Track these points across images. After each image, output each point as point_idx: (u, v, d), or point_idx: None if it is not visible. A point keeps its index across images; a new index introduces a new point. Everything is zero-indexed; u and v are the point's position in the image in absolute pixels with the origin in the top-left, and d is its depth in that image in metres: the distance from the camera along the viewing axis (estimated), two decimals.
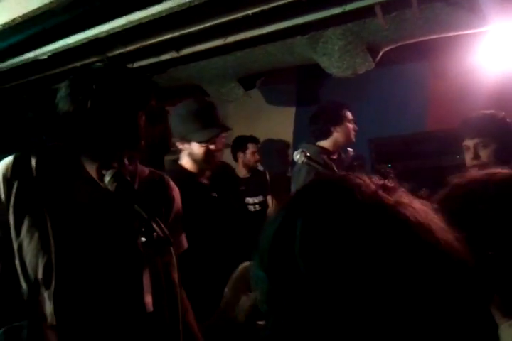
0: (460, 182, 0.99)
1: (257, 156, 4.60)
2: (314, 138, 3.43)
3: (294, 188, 3.33)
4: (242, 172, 4.63)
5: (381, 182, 0.74)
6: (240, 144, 4.65)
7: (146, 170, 1.64)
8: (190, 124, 2.40)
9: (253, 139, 4.65)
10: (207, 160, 2.41)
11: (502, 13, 2.68)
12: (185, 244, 1.75)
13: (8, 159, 1.45)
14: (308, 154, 2.89)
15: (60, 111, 1.39)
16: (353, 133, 3.41)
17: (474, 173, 1.02)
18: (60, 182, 1.45)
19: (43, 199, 1.42)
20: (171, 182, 1.70)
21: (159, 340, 1.55)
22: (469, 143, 2.69)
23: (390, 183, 0.74)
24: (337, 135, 3.36)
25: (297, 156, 2.84)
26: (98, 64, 1.50)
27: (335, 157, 3.35)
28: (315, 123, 3.44)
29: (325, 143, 3.36)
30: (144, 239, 1.31)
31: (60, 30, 2.53)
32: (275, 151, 5.18)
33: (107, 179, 1.37)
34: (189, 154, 2.44)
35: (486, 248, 0.84)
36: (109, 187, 1.36)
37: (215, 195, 2.51)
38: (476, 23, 2.88)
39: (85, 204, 1.46)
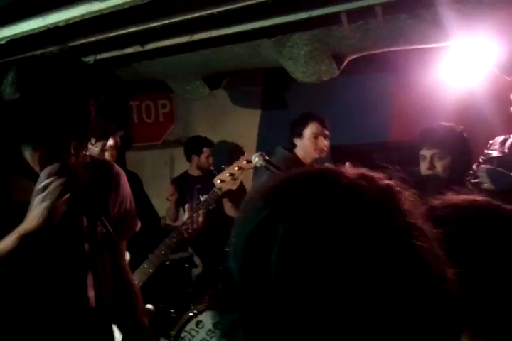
0: (437, 204, 0.94)
1: (210, 160, 4.65)
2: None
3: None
4: (195, 172, 4.68)
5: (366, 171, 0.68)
6: (195, 147, 4.67)
7: (89, 157, 1.60)
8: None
9: (208, 143, 4.68)
10: None
11: (463, 29, 2.71)
12: (138, 226, 1.73)
13: None
14: (267, 158, 2.88)
15: (5, 98, 1.34)
16: (313, 150, 3.52)
17: (453, 197, 0.97)
18: (3, 180, 1.41)
19: None
20: (116, 168, 1.67)
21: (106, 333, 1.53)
22: (426, 153, 2.73)
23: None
24: (299, 147, 3.50)
25: (255, 159, 2.82)
26: (47, 52, 1.46)
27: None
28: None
29: (299, 153, 3.49)
30: (87, 236, 1.29)
31: (14, 11, 2.46)
32: (237, 153, 5.15)
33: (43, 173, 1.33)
34: None
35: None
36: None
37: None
38: (439, 38, 2.91)
39: (24, 203, 1.41)
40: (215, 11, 2.66)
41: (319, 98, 4.50)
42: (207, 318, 3.32)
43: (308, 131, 3.51)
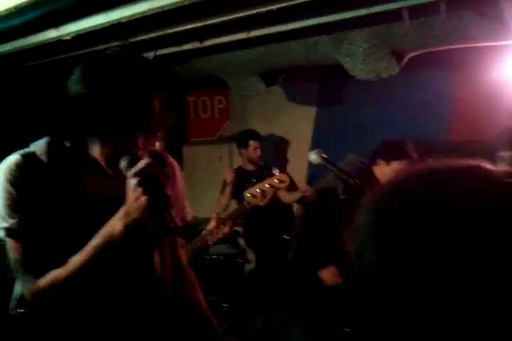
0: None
1: (258, 152, 4.65)
2: None
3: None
4: (248, 166, 4.73)
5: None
6: (242, 140, 4.72)
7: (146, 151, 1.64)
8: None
9: (255, 136, 4.69)
10: None
11: None
12: (189, 216, 1.77)
13: (15, 160, 1.40)
14: (324, 155, 2.83)
15: (71, 94, 1.37)
16: None
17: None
18: (71, 176, 1.44)
19: (56, 196, 1.41)
20: (170, 159, 1.70)
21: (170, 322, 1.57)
22: (505, 154, 2.63)
23: None
24: None
25: (312, 157, 2.78)
26: (110, 48, 1.49)
27: None
28: None
29: None
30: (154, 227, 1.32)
31: (81, 8, 2.54)
32: (291, 150, 5.15)
33: (122, 164, 1.36)
34: None
35: None
36: (124, 173, 1.35)
37: None
38: (504, 35, 2.81)
39: (95, 196, 1.45)
40: (274, 7, 2.66)
41: (376, 96, 4.43)
42: None
43: None
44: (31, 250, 1.39)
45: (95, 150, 1.41)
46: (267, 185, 2.91)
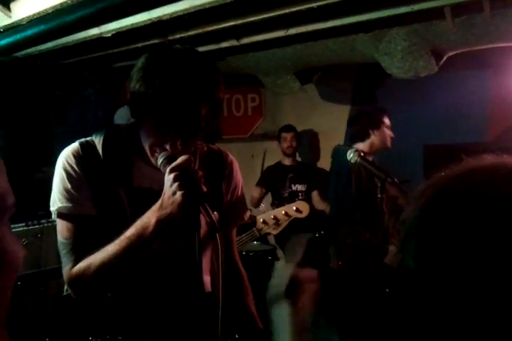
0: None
1: (293, 143, 4.66)
2: (351, 140, 3.42)
3: (339, 187, 3.31)
4: (286, 160, 4.75)
5: None
6: (277, 135, 4.77)
7: (205, 147, 1.64)
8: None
9: (285, 128, 4.70)
10: None
11: None
12: (247, 215, 1.76)
13: (73, 148, 1.47)
14: (362, 154, 2.82)
15: (131, 87, 1.38)
16: (389, 140, 3.37)
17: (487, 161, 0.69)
18: (124, 166, 1.48)
19: (107, 185, 1.45)
20: (230, 157, 1.70)
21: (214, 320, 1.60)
22: None
23: None
24: (374, 138, 3.33)
25: (351, 155, 2.77)
26: (177, 46, 1.48)
27: (371, 159, 3.32)
28: (354, 124, 3.43)
29: (361, 145, 3.31)
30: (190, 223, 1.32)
31: (126, 7, 2.57)
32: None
33: (159, 161, 1.37)
34: None
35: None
36: (162, 168, 1.36)
37: None
38: None
39: (145, 189, 1.48)
40: (314, 5, 2.65)
41: (412, 95, 4.38)
42: None
43: (385, 122, 3.41)
44: (76, 235, 1.43)
45: (143, 141, 1.44)
46: (282, 212, 2.78)
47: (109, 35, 3.04)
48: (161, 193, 1.35)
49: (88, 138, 1.51)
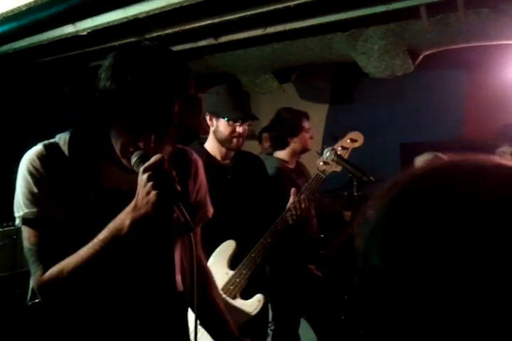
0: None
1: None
2: (272, 147, 3.41)
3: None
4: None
5: None
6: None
7: (169, 147, 1.63)
8: (223, 102, 2.56)
9: (266, 129, 4.69)
10: (230, 140, 2.53)
11: None
12: (210, 213, 1.76)
13: (37, 150, 1.41)
14: (338, 152, 2.83)
15: (100, 85, 1.36)
16: (309, 142, 3.36)
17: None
18: (91, 167, 1.44)
19: (75, 187, 1.41)
20: (194, 155, 1.69)
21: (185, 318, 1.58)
22: (506, 150, 2.64)
23: None
24: (294, 145, 3.32)
25: (327, 154, 2.78)
26: (145, 42, 1.46)
27: (292, 166, 3.35)
28: (272, 132, 3.40)
29: (281, 154, 3.33)
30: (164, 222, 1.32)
31: (101, 3, 2.54)
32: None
33: (133, 160, 1.35)
34: (214, 132, 2.57)
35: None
36: (135, 168, 1.35)
37: (229, 176, 2.60)
38: None
39: (114, 189, 1.45)
40: (291, 3, 2.66)
41: (389, 94, 4.42)
42: None
43: (304, 127, 3.36)
44: (45, 241, 1.39)
45: (117, 144, 1.39)
46: (339, 149, 2.73)
47: (85, 33, 3.00)
48: (130, 193, 1.33)
49: (52, 140, 1.45)
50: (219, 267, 2.41)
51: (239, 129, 2.53)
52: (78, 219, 1.39)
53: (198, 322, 1.38)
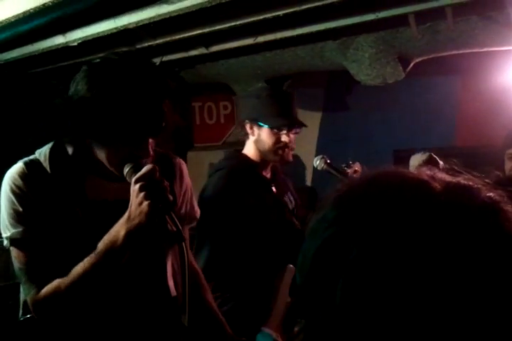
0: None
1: None
2: None
3: None
4: None
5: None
6: None
7: (157, 153, 1.63)
8: (265, 107, 2.22)
9: None
10: (274, 150, 2.22)
11: None
12: (197, 215, 1.76)
13: (18, 168, 1.39)
14: (328, 161, 2.84)
15: (77, 98, 1.36)
16: None
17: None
18: (74, 181, 1.43)
19: (61, 203, 1.39)
20: (177, 158, 1.69)
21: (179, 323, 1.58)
22: None
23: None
24: None
25: (317, 162, 2.79)
26: (117, 53, 1.47)
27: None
28: None
29: None
30: (156, 232, 1.32)
31: (89, 15, 2.56)
32: (296, 155, 5.14)
33: (125, 170, 1.35)
34: (256, 141, 2.25)
35: None
36: (128, 178, 1.35)
37: (274, 189, 2.35)
38: (510, 40, 2.81)
39: (101, 201, 1.45)
40: (280, 13, 2.67)
41: (382, 101, 4.43)
42: None
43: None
44: (35, 260, 1.37)
45: (102, 154, 1.39)
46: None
47: (75, 44, 3.01)
48: (117, 203, 1.34)
49: (32, 157, 1.43)
50: (284, 297, 2.15)
51: (285, 138, 2.19)
52: (67, 234, 1.38)
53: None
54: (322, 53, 3.53)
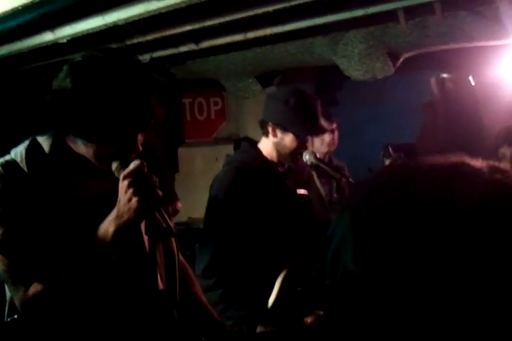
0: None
1: None
2: None
3: None
4: None
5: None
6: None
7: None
8: (293, 115, 2.28)
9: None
10: (294, 155, 2.34)
11: None
12: (179, 207, 1.78)
13: None
14: (318, 155, 2.87)
15: (60, 95, 1.34)
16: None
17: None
18: (52, 181, 1.41)
19: (41, 203, 1.38)
20: (157, 155, 1.73)
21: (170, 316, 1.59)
22: (507, 151, 2.65)
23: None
24: None
25: (306, 157, 2.81)
26: (100, 50, 1.46)
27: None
28: None
29: None
30: (146, 228, 1.32)
31: (77, 11, 2.54)
32: None
33: (113, 166, 1.35)
34: (277, 143, 2.33)
35: None
36: (116, 174, 1.35)
37: (289, 185, 2.44)
38: (500, 35, 2.82)
39: (83, 197, 1.44)
40: (270, 9, 2.66)
41: (372, 96, 4.45)
42: None
43: None
44: (18, 261, 1.36)
45: (89, 151, 1.38)
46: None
47: (65, 40, 2.99)
48: (98, 199, 1.34)
49: (7, 158, 1.42)
50: (291, 287, 2.24)
51: (308, 145, 2.37)
52: (49, 233, 1.37)
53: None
54: (312, 49, 3.53)
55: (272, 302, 2.17)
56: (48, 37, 3.01)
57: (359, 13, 2.82)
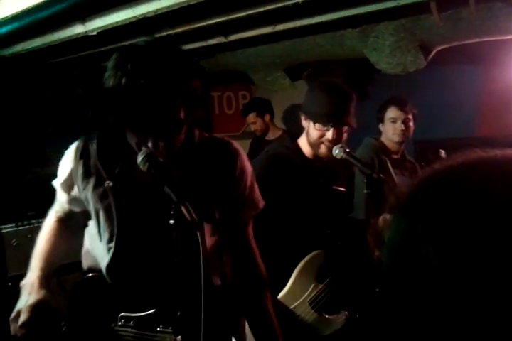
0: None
1: (255, 126, 4.83)
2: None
3: None
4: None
5: None
6: None
7: (207, 140, 1.65)
8: (314, 102, 2.32)
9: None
10: (318, 145, 2.33)
11: None
12: (260, 205, 1.75)
13: (73, 145, 1.66)
14: (347, 149, 2.82)
15: (105, 85, 1.39)
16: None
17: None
18: (117, 161, 1.56)
19: (105, 177, 1.56)
20: (234, 145, 1.70)
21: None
22: None
23: None
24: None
25: (336, 151, 2.77)
26: (144, 40, 1.48)
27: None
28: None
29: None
30: (172, 221, 1.33)
31: (108, 2, 2.56)
32: None
33: (139, 159, 1.37)
34: (306, 132, 2.38)
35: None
36: (141, 167, 1.36)
37: (321, 180, 2.44)
38: None
39: (142, 181, 1.52)
40: (299, 0, 2.63)
41: (403, 90, 4.37)
42: None
43: (387, 115, 3.42)
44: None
45: (132, 141, 1.48)
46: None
47: (95, 33, 3.02)
48: (142, 183, 1.48)
49: (86, 137, 1.65)
50: (306, 279, 2.27)
51: (328, 135, 2.28)
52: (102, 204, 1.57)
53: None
54: (342, 41, 3.49)
55: (284, 293, 2.17)
56: (78, 29, 3.04)
57: (390, 4, 2.77)
